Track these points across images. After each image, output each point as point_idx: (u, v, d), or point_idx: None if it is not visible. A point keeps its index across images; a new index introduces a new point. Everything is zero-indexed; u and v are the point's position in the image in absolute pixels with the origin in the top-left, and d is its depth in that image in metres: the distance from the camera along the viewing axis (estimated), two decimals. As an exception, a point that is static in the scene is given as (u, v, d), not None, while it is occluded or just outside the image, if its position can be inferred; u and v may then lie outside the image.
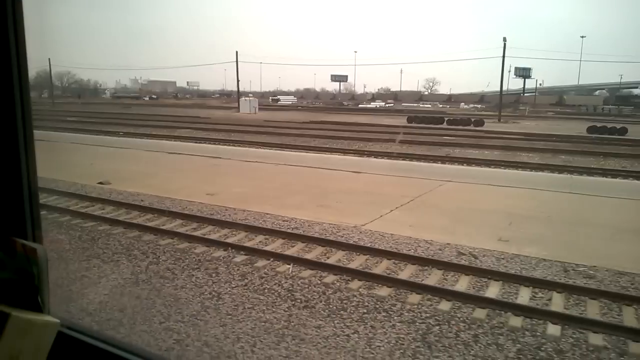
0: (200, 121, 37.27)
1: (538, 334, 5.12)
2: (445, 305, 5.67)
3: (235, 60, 51.98)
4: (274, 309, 5.77)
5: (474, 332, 5.19)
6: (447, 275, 6.59)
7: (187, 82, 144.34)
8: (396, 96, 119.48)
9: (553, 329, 5.14)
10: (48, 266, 0.99)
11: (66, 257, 7.38)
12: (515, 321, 5.32)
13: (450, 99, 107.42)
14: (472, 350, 4.91)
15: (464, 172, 16.00)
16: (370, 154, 20.38)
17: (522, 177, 15.18)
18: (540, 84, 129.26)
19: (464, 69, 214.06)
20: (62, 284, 6.29)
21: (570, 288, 6.12)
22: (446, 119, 37.63)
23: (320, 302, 5.91)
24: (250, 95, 59.11)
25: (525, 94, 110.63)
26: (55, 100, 62.96)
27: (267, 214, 9.58)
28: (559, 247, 7.88)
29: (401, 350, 4.93)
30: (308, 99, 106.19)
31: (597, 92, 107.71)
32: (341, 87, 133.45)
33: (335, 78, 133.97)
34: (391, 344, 5.03)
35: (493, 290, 6.11)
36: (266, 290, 6.22)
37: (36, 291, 0.97)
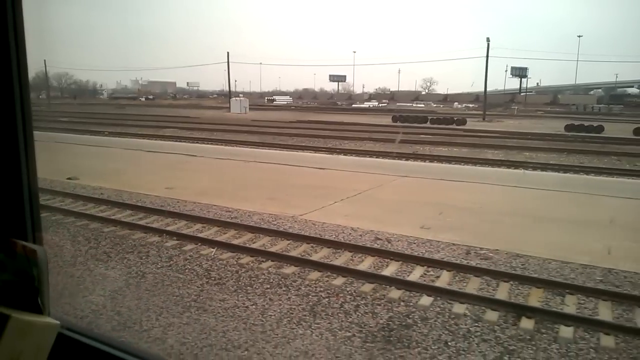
0: (188, 121, 37.99)
1: (411, 304, 5.78)
2: (339, 281, 6.33)
3: (226, 61, 52.64)
4: (188, 286, 6.44)
5: (357, 303, 5.85)
6: (355, 257, 7.25)
7: (187, 83, 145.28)
8: (393, 96, 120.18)
9: (425, 300, 5.80)
10: (48, 268, 0.99)
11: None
12: (395, 294, 5.98)
13: (446, 98, 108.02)
14: (350, 317, 5.57)
15: (423, 168, 16.67)
16: (341, 151, 21.03)
17: (477, 172, 15.83)
18: (537, 84, 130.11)
19: (460, 68, 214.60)
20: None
21: (460, 267, 6.78)
22: (430, 118, 38.28)
23: (232, 279, 6.58)
24: (240, 95, 59.82)
25: (522, 93, 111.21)
26: (51, 101, 63.75)
27: (215, 205, 10.25)
28: (473, 233, 8.52)
29: (289, 318, 5.59)
30: (306, 99, 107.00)
31: (592, 92, 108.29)
32: (339, 87, 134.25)
33: (334, 78, 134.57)
34: (282, 313, 5.70)
35: (390, 269, 6.77)
36: (187, 270, 6.89)
37: (36, 293, 0.97)
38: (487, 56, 46.90)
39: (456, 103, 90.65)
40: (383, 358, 4.83)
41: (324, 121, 38.79)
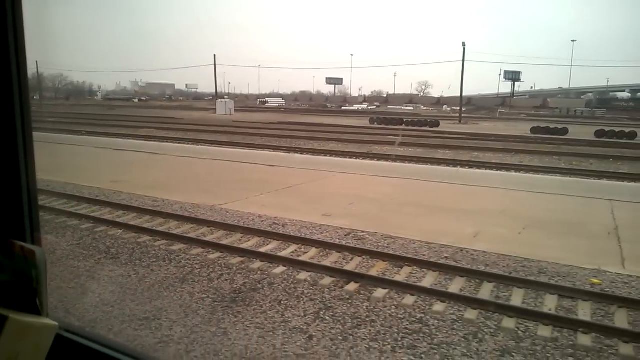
0: (169, 122, 39.02)
1: (266, 273, 6.78)
2: (214, 255, 7.33)
3: (214, 63, 53.77)
4: (87, 260, 7.44)
5: (222, 273, 6.84)
6: (243, 238, 8.24)
7: (186, 85, 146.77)
8: (387, 99, 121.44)
9: (278, 270, 6.79)
10: (47, 269, 0.99)
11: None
12: (257, 265, 6.97)
13: (439, 101, 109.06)
14: (212, 283, 6.56)
15: (368, 165, 17.68)
16: (302, 151, 22.05)
17: (415, 169, 16.84)
18: (531, 87, 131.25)
19: (453, 72, 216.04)
20: None
21: (329, 245, 7.77)
22: (406, 120, 39.33)
23: (126, 255, 7.58)
24: (226, 97, 60.91)
25: (515, 97, 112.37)
26: (43, 102, 64.82)
27: (147, 196, 11.24)
28: (366, 220, 9.49)
29: (160, 284, 6.58)
30: (302, 102, 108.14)
31: (584, 96, 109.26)
32: (336, 90, 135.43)
33: (330, 81, 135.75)
34: (156, 280, 6.69)
35: (268, 247, 7.76)
36: (91, 247, 7.89)
37: (34, 294, 0.97)
38: (463, 60, 48.03)
39: (445, 106, 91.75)
40: (222, 313, 5.82)
41: (303, 123, 39.82)
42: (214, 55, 54.34)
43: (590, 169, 17.72)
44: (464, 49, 46.97)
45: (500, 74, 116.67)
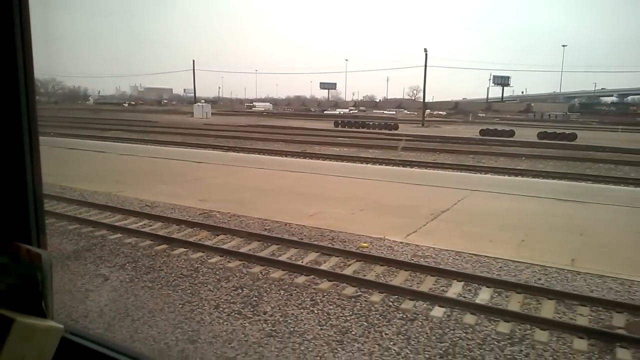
0: (142, 124, 40.66)
1: (105, 238, 8.39)
2: (86, 230, 8.93)
3: (192, 68, 55.57)
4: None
5: (74, 239, 8.45)
6: (125, 217, 9.76)
7: (184, 89, 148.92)
8: (377, 104, 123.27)
9: (114, 236, 8.41)
10: (52, 272, 1.01)
11: None
12: (100, 233, 8.59)
13: (426, 106, 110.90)
14: (62, 245, 8.17)
15: (289, 162, 19.33)
16: (240, 149, 23.69)
17: (329, 166, 18.46)
18: (522, 92, 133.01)
19: (446, 76, 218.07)
20: None
21: (176, 221, 9.36)
22: (367, 123, 41.01)
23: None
24: (202, 101, 62.75)
25: (505, 101, 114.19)
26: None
27: (60, 185, 12.83)
28: (232, 204, 10.94)
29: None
30: (292, 106, 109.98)
31: (574, 100, 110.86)
32: (329, 95, 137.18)
33: (324, 86, 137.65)
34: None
35: (124, 222, 9.37)
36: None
37: (40, 297, 0.98)
38: (425, 66, 49.63)
39: (428, 110, 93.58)
40: (60, 267, 7.41)
41: (270, 125, 41.54)
42: (193, 61, 56.69)
43: (491, 165, 19.33)
44: (426, 55, 48.73)
45: (490, 79, 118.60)
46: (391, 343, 5.07)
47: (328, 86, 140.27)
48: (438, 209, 10.86)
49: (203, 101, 61.34)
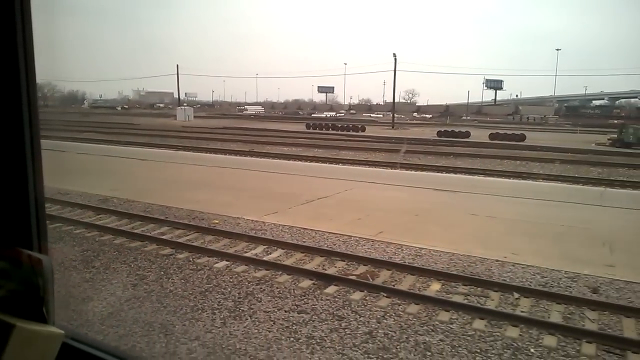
0: (123, 127, 42.47)
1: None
2: None
3: (176, 72, 57.51)
4: None
5: None
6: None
7: (185, 93, 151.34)
8: (370, 107, 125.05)
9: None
10: (53, 277, 1.01)
11: None
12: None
13: (418, 109, 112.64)
14: None
15: (232, 160, 20.94)
16: (199, 150, 25.35)
17: (267, 163, 19.98)
18: (516, 95, 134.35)
19: (438, 80, 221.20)
20: None
21: (74, 205, 10.99)
22: (337, 125, 42.70)
23: None
24: (185, 104, 64.69)
25: (492, 105, 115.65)
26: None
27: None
28: (139, 193, 12.52)
29: None
30: (290, 109, 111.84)
31: (567, 103, 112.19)
32: (327, 98, 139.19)
33: (322, 89, 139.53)
34: None
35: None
36: None
37: (41, 302, 0.98)
38: (395, 70, 51.29)
39: (415, 113, 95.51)
40: None
41: (246, 128, 43.27)
42: (177, 66, 58.21)
43: (414, 162, 20.94)
44: (395, 59, 50.29)
45: (483, 82, 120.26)
46: (171, 284, 6.68)
47: (326, 90, 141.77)
48: (318, 196, 12.43)
49: (185, 105, 63.13)
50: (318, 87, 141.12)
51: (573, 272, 7.12)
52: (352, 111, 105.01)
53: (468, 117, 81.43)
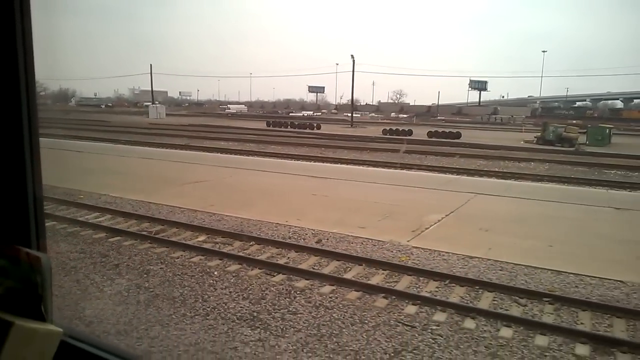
0: (91, 124, 44.37)
1: None
2: None
3: (149, 72, 59.69)
4: None
5: None
6: None
7: (180, 92, 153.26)
8: (356, 107, 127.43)
9: None
10: (52, 275, 1.01)
11: None
12: None
13: (402, 109, 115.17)
14: None
15: (169, 153, 22.94)
16: (147, 144, 27.45)
17: (198, 156, 21.89)
18: (502, 97, 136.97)
19: (430, 82, 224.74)
20: None
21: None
22: (296, 123, 45.05)
23: None
24: (157, 102, 66.90)
25: (473, 106, 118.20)
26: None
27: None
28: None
29: None
30: (278, 109, 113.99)
31: (535, 105, 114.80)
32: (318, 98, 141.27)
33: (313, 89, 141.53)
34: None
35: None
36: None
37: (39, 300, 0.99)
38: (353, 71, 53.54)
39: (393, 113, 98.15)
40: None
41: (210, 125, 45.47)
42: (150, 65, 60.45)
43: (331, 156, 23.22)
44: (353, 61, 52.57)
45: (468, 84, 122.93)
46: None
47: (316, 89, 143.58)
48: (196, 180, 14.67)
49: (157, 103, 65.32)
50: (309, 87, 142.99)
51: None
52: (333, 110, 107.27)
53: (443, 118, 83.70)
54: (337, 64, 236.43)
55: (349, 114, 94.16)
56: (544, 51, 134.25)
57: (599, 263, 7.83)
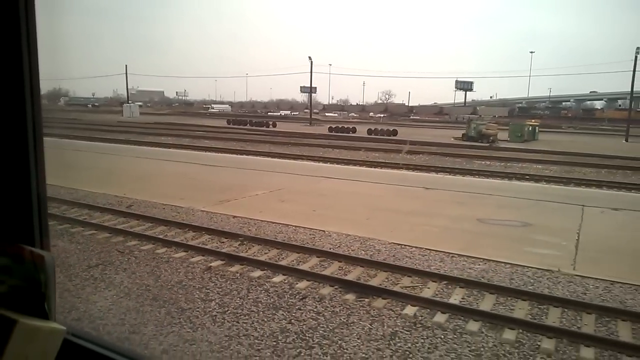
0: (63, 122, 47.20)
1: None
2: None
3: (125, 72, 62.63)
4: None
5: None
6: None
7: (176, 92, 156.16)
8: (343, 107, 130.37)
9: None
10: (55, 273, 1.02)
11: None
12: None
13: (386, 109, 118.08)
14: None
15: (125, 149, 25.62)
16: (103, 140, 29.89)
17: (156, 151, 24.39)
18: (491, 97, 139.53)
19: (423, 83, 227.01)
20: None
21: None
22: (253, 121, 48.06)
23: None
24: (130, 102, 69.90)
25: (465, 106, 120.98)
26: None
27: None
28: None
29: None
30: (260, 108, 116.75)
31: (513, 106, 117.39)
32: (310, 98, 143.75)
33: (304, 89, 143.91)
34: None
35: None
36: None
37: (43, 298, 0.99)
38: (311, 72, 56.35)
39: (371, 113, 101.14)
40: None
41: (175, 123, 48.18)
42: (125, 66, 63.56)
43: (265, 150, 25.90)
44: (311, 62, 55.29)
45: (454, 84, 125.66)
46: None
47: (307, 90, 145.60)
48: (149, 173, 17.29)
49: (131, 102, 68.28)
50: (300, 87, 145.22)
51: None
52: (315, 110, 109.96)
53: (418, 117, 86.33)
54: (330, 65, 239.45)
55: (331, 113, 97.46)
56: (531, 52, 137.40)
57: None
